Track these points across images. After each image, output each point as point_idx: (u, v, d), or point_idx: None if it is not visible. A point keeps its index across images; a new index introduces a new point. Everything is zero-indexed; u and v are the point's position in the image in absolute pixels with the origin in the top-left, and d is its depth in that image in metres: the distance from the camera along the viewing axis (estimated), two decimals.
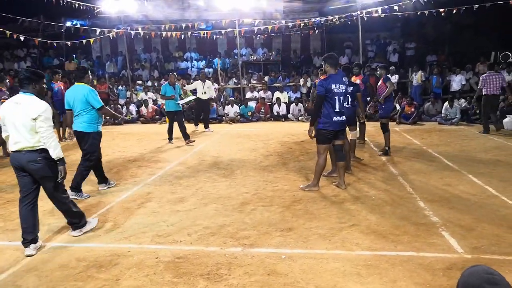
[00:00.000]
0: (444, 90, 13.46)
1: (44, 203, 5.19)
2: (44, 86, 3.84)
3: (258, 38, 18.93)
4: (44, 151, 3.62)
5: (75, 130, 5.39)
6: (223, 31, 15.59)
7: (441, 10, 12.89)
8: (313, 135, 5.22)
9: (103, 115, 5.64)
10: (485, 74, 9.54)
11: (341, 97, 5.07)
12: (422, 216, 4.31)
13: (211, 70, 17.45)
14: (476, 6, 12.09)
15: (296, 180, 5.89)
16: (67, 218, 4.08)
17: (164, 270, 3.30)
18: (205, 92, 11.26)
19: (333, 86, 5.00)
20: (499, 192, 4.99)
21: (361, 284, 3.00)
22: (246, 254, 3.55)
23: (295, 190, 5.36)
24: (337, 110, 5.06)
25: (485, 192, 5.07)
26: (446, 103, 11.36)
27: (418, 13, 13.29)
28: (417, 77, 13.36)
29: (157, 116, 13.79)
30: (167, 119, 9.79)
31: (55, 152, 3.62)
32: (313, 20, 15.17)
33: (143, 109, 13.93)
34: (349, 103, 6.21)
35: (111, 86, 15.60)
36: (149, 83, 16.32)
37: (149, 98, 14.45)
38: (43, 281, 3.20)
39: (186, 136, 9.14)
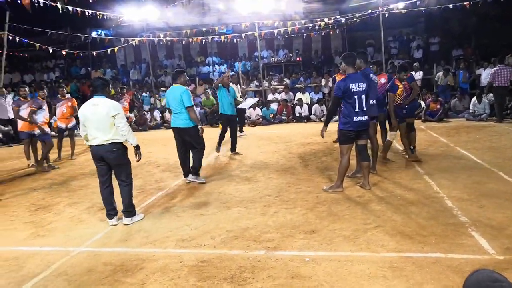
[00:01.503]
0: (471, 85, 13.04)
1: (73, 209, 5.37)
2: (111, 89, 4.44)
3: (278, 40, 18.91)
4: (118, 143, 4.46)
5: (175, 126, 6.01)
6: (243, 35, 15.65)
7: (466, 3, 12.50)
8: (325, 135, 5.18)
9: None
10: (495, 68, 10.62)
11: (362, 96, 5.00)
12: (450, 216, 4.18)
13: (233, 73, 17.56)
14: None
15: (320, 181, 5.84)
16: (124, 203, 4.62)
17: (188, 274, 3.34)
18: (240, 95, 11.22)
19: (351, 86, 4.94)
20: None
21: (387, 287, 2.93)
22: (269, 257, 3.54)
23: (319, 192, 5.31)
24: (357, 110, 5.00)
25: None
26: (474, 99, 11.00)
27: (442, 7, 12.94)
28: (448, 80, 13.00)
29: None
30: (220, 125, 8.59)
31: (134, 141, 4.58)
32: (333, 19, 15.02)
33: (167, 114, 14.15)
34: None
35: (135, 93, 15.96)
36: None
37: None
38: (72, 286, 3.29)
39: (235, 146, 8.37)
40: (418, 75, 12.89)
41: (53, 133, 9.02)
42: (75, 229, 4.61)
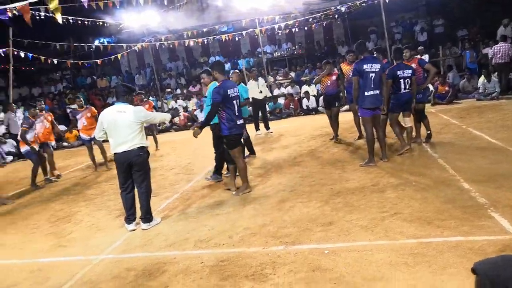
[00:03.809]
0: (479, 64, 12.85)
1: (91, 217, 5.43)
2: (134, 97, 4.78)
3: (280, 34, 18.83)
4: (143, 148, 4.64)
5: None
6: (244, 32, 15.59)
7: None
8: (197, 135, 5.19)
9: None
10: (496, 45, 11.04)
11: (238, 100, 5.23)
12: (468, 198, 4.14)
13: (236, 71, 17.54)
14: None
15: (332, 173, 5.82)
16: (142, 210, 4.69)
17: (210, 274, 3.37)
18: (260, 91, 10.48)
19: (229, 91, 5.11)
20: None
21: (409, 273, 2.93)
22: (289, 252, 3.55)
23: (333, 184, 5.30)
24: (237, 113, 5.22)
25: None
26: (482, 78, 10.84)
27: None
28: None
29: (189, 123, 14.01)
30: None
31: (167, 116, 5.15)
32: (333, 9, 14.90)
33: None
34: (407, 88, 6.13)
35: (143, 97, 16.03)
36: (178, 91, 16.67)
37: (179, 105, 14.73)
38: None
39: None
40: (424, 58, 12.73)
41: (53, 143, 8.89)
42: (94, 237, 4.68)
